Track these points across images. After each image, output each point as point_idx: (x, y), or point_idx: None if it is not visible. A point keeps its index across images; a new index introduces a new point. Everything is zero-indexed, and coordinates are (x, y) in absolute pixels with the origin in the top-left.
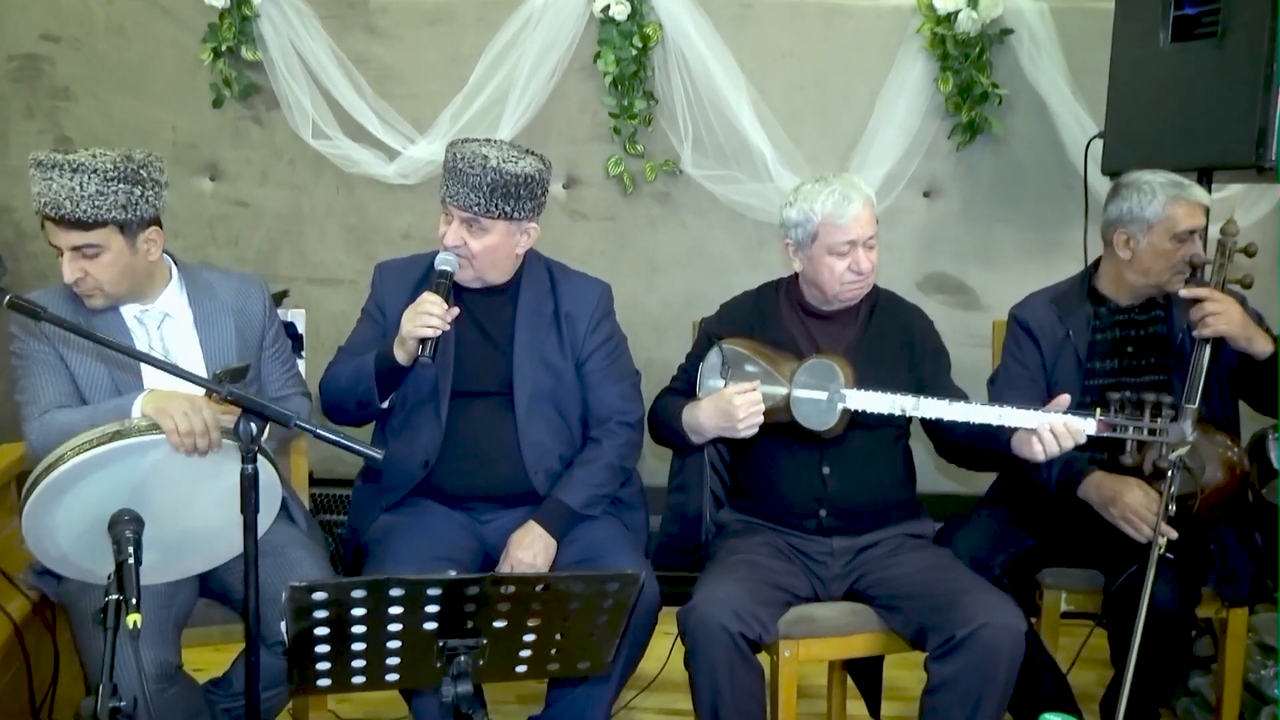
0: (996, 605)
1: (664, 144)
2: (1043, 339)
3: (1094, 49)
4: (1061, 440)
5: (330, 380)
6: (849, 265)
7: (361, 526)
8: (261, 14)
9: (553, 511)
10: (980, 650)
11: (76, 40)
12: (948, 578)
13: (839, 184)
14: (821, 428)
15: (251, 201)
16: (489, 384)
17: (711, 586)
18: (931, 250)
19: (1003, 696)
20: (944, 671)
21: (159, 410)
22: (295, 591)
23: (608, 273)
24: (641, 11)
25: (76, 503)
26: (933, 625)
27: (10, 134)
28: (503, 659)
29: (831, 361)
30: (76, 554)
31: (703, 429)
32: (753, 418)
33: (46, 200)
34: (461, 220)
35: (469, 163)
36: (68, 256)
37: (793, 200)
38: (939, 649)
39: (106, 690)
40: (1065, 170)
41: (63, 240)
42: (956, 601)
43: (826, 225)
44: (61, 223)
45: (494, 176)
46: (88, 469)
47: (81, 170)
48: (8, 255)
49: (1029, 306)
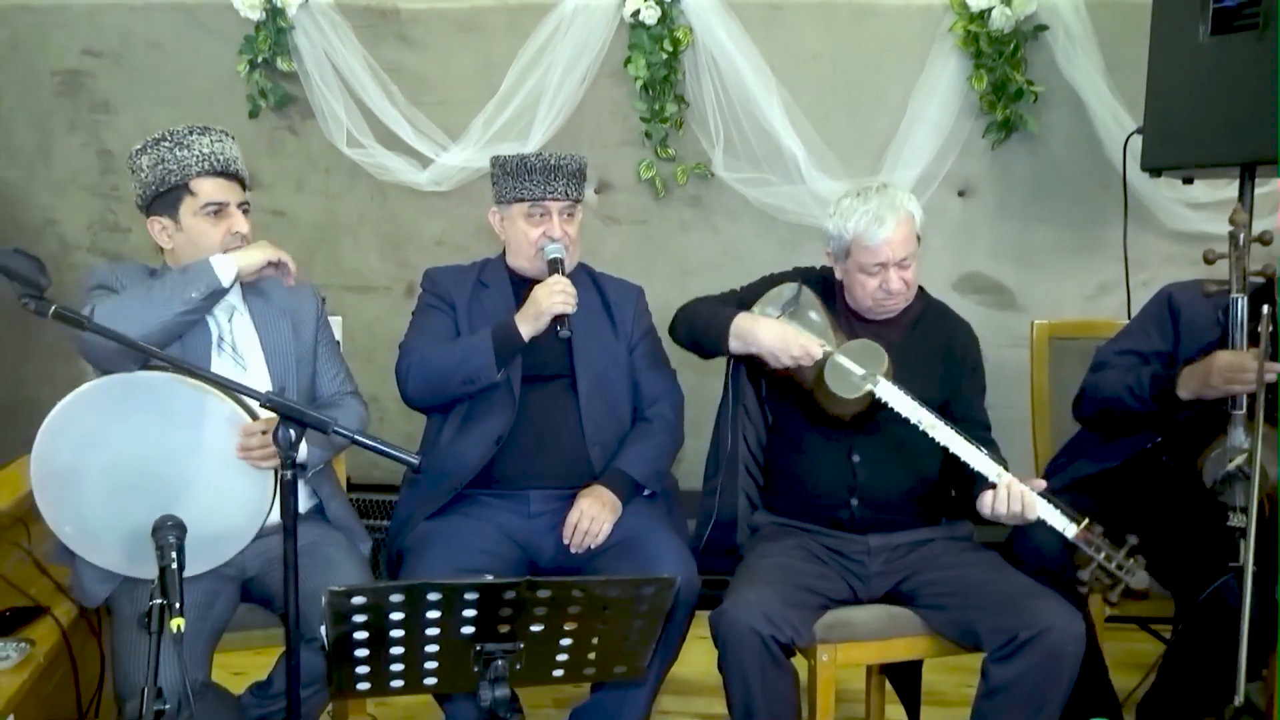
0: (1060, 608)
1: (695, 147)
2: (1189, 328)
3: (1131, 44)
4: (1011, 504)
5: (423, 364)
6: (880, 284)
7: (403, 533)
8: (296, 25)
9: (615, 480)
10: (1045, 653)
11: (117, 55)
12: (1002, 579)
13: (876, 202)
14: (843, 394)
15: (288, 210)
16: (553, 369)
17: (742, 590)
18: (967, 251)
19: (1062, 700)
20: (1005, 674)
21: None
22: (334, 596)
23: (640, 277)
24: (671, 15)
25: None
26: (990, 626)
27: (54, 148)
28: (539, 663)
29: (883, 351)
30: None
31: (754, 338)
32: (801, 360)
33: (219, 156)
34: (560, 212)
35: (560, 158)
36: (239, 213)
37: (833, 211)
38: (1000, 650)
39: (151, 693)
40: (1103, 168)
41: (232, 195)
42: (1017, 603)
43: (858, 245)
44: (234, 177)
45: (578, 165)
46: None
47: (225, 134)
48: (52, 267)
49: (1189, 294)
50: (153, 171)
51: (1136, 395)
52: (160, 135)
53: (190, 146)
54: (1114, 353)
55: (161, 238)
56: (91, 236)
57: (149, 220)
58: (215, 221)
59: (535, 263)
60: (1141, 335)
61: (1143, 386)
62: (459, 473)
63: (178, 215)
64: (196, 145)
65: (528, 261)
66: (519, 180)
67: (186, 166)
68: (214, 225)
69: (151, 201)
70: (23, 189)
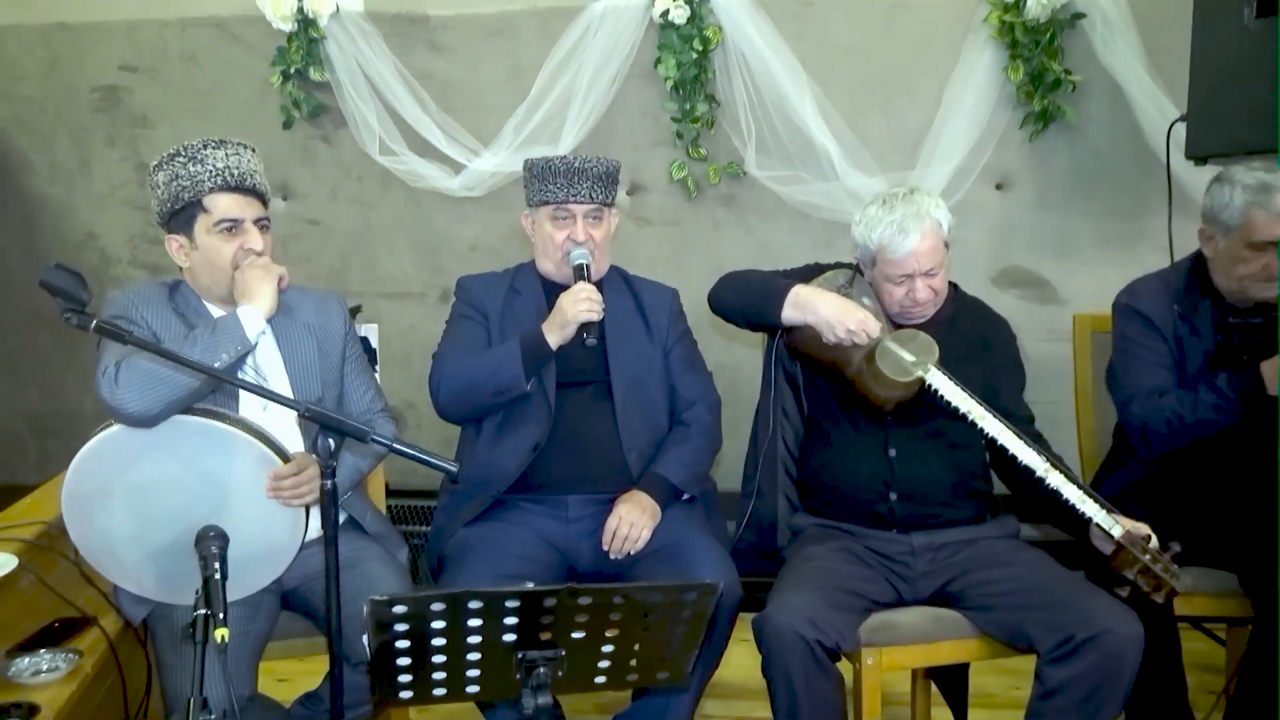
0: (1117, 610)
1: (727, 146)
2: (1166, 332)
3: (1172, 29)
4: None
5: (453, 376)
6: (906, 293)
7: (442, 539)
8: (328, 35)
9: (653, 485)
10: (1104, 655)
11: (153, 70)
12: (1053, 579)
13: (902, 212)
14: (894, 376)
15: (322, 219)
16: (587, 375)
17: (786, 594)
18: (1005, 244)
19: (1120, 703)
20: (1062, 675)
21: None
22: (376, 605)
23: (673, 277)
24: (701, 14)
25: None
26: (1044, 628)
27: (93, 162)
28: (581, 670)
29: (934, 341)
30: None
31: (813, 307)
32: (857, 336)
33: (234, 170)
34: (585, 215)
35: (584, 160)
36: (255, 230)
37: (858, 219)
38: (1055, 651)
39: (197, 704)
40: (1145, 157)
41: (248, 211)
42: (1072, 604)
43: (883, 255)
44: (251, 192)
45: (605, 167)
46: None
47: (244, 147)
48: (93, 280)
49: (1144, 298)
50: (168, 188)
51: (1225, 409)
52: (176, 150)
53: (204, 161)
54: (1143, 370)
55: (179, 256)
56: (131, 249)
57: (167, 239)
58: (229, 238)
59: (562, 267)
60: (1143, 348)
61: (1227, 398)
62: (496, 480)
63: (193, 233)
64: (211, 160)
65: (554, 265)
66: (544, 183)
67: (200, 182)
68: (227, 243)
69: (169, 219)
70: (64, 203)
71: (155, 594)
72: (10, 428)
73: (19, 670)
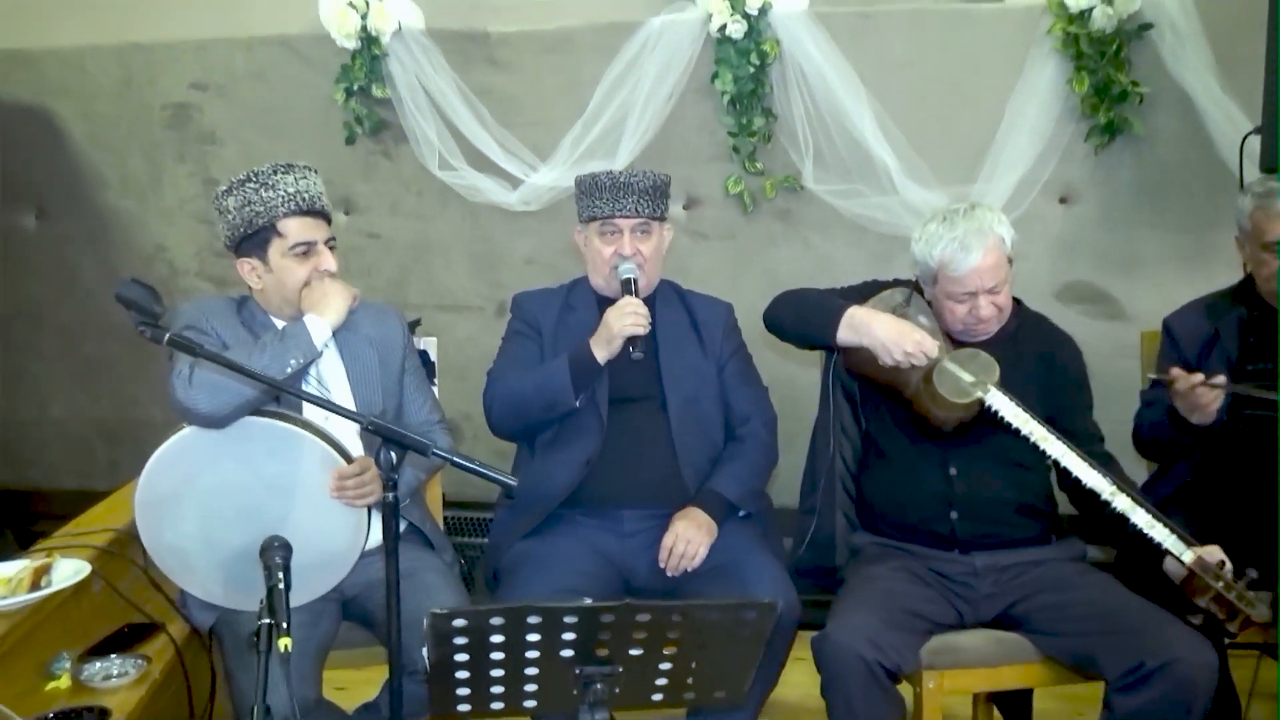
0: (1189, 637)
1: (784, 160)
2: (1185, 343)
3: (1245, 39)
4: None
5: (505, 393)
6: (969, 310)
7: (499, 553)
8: (390, 53)
9: (710, 501)
10: (1175, 684)
11: (222, 88)
12: (1122, 603)
13: (964, 229)
14: (952, 398)
15: (382, 233)
16: (641, 390)
17: (847, 614)
18: (1069, 259)
19: None
20: (1131, 704)
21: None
22: (436, 619)
23: (729, 292)
24: (758, 29)
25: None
26: (1113, 654)
27: (164, 177)
28: (638, 687)
29: (994, 360)
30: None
31: (868, 330)
32: (914, 358)
33: (305, 194)
34: (632, 230)
35: (630, 174)
36: (327, 251)
37: (918, 236)
38: (1125, 679)
39: (260, 712)
40: (1216, 169)
41: (319, 233)
42: (1144, 630)
43: (945, 273)
44: (320, 214)
45: (653, 181)
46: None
47: (309, 169)
48: (162, 291)
49: (1180, 313)
50: (240, 213)
51: (1161, 426)
52: (245, 176)
53: (275, 187)
54: (1151, 389)
55: (251, 278)
56: (199, 262)
57: (238, 261)
58: (303, 261)
59: (611, 281)
60: (1163, 361)
61: (1160, 422)
62: (550, 494)
63: (266, 256)
64: (282, 185)
65: (604, 280)
66: (592, 199)
67: (273, 207)
68: (301, 264)
69: (240, 243)
70: (136, 217)
71: (222, 600)
72: (82, 435)
73: (90, 674)
